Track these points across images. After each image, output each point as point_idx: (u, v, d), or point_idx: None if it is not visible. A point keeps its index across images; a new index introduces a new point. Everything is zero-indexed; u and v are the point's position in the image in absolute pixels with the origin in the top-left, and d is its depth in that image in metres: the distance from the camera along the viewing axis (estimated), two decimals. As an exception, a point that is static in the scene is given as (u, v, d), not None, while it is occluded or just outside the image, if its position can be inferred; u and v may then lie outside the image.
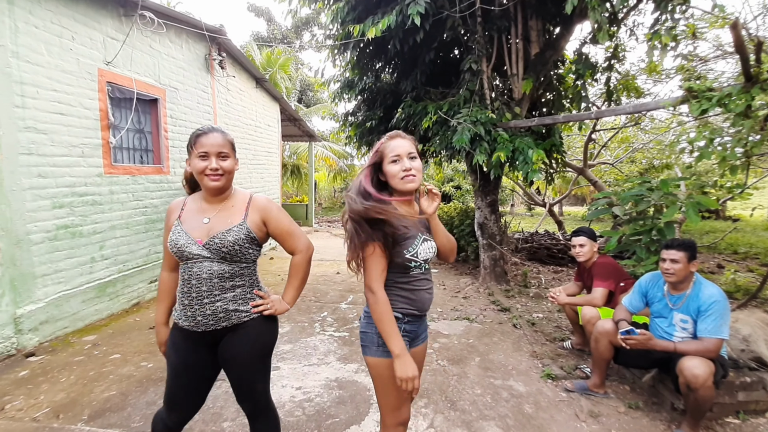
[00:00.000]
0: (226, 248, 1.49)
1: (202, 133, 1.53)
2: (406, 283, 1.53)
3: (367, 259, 1.45)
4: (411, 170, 1.48)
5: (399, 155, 1.49)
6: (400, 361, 1.40)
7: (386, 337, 1.42)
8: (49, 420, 2.37)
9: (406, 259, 1.48)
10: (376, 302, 1.43)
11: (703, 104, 3.01)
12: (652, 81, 8.92)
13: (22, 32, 3.23)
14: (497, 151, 4.49)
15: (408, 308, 1.54)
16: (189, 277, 1.51)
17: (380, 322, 1.43)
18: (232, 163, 1.55)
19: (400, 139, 1.53)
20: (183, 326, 1.54)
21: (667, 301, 2.55)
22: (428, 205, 1.54)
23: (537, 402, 2.69)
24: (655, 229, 3.15)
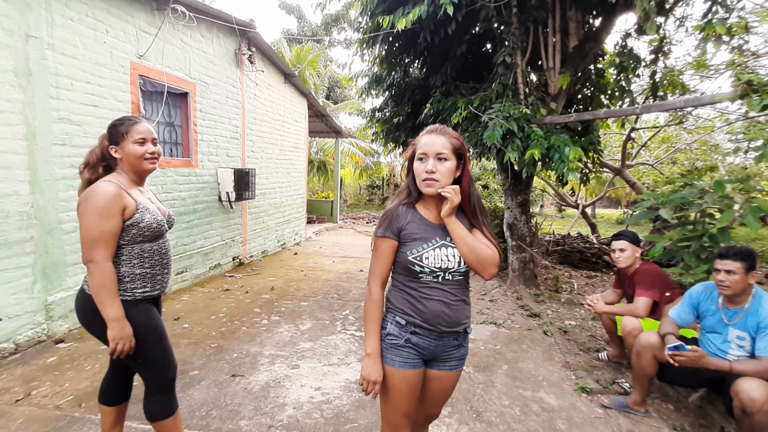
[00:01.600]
0: (173, 223, 1.87)
1: (133, 122, 1.68)
2: (414, 289, 1.43)
3: (373, 253, 1.46)
4: (434, 173, 1.36)
5: (426, 153, 1.38)
6: (369, 360, 1.42)
7: (366, 334, 1.45)
8: (71, 408, 2.39)
9: (408, 261, 1.39)
10: (368, 298, 1.45)
11: (764, 99, 2.73)
12: (699, 77, 8.36)
13: (58, 25, 3.29)
14: (531, 148, 4.27)
15: (413, 317, 1.42)
16: (165, 251, 1.77)
17: (365, 317, 1.46)
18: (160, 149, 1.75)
19: (434, 135, 1.40)
20: (153, 295, 1.72)
21: (722, 316, 2.31)
22: (445, 206, 1.37)
23: (570, 418, 2.50)
24: (707, 235, 2.88)
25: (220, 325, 3.83)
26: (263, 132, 7.02)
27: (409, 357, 1.43)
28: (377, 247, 1.44)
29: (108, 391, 1.87)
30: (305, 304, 4.59)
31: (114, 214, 1.55)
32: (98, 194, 1.54)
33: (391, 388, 1.43)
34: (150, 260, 1.69)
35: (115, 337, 1.55)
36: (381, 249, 1.43)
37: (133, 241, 1.64)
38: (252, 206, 6.67)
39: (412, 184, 1.46)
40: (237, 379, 2.83)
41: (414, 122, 6.22)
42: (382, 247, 1.43)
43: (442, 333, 1.44)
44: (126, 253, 1.64)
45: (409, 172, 1.48)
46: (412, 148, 1.45)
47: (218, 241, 5.76)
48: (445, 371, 1.51)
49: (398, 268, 1.46)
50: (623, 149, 7.91)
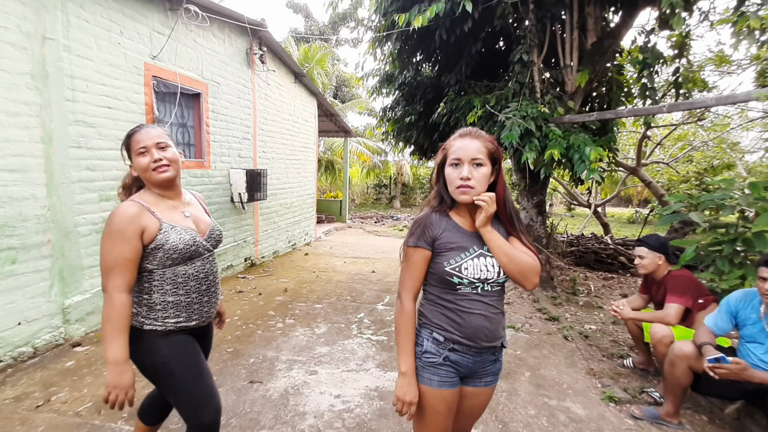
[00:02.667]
0: (221, 239, 1.62)
1: (134, 131, 1.50)
2: (451, 302, 1.35)
3: (404, 264, 1.38)
4: (469, 180, 1.29)
5: (460, 159, 1.31)
6: (404, 380, 1.34)
7: (399, 350, 1.36)
8: (91, 416, 2.36)
9: (446, 272, 1.31)
10: (400, 312, 1.37)
11: (805, 96, 2.60)
12: (719, 73, 8.17)
13: (74, 26, 3.25)
14: (549, 148, 4.17)
15: (452, 333, 1.34)
16: (205, 274, 1.56)
17: (396, 332, 1.37)
18: (175, 152, 1.51)
19: (468, 139, 1.33)
20: (189, 326, 1.52)
21: (765, 325, 2.20)
22: (479, 216, 1.31)
23: (600, 429, 2.41)
24: (740, 239, 2.76)
25: (235, 329, 3.79)
26: (274, 132, 6.98)
27: (447, 376, 1.35)
28: (409, 258, 1.35)
29: (148, 408, 1.79)
30: (319, 306, 4.54)
31: (129, 238, 1.38)
32: (113, 217, 1.40)
33: (429, 408, 1.36)
34: (185, 286, 1.50)
35: (108, 384, 1.35)
36: (414, 260, 1.35)
37: (162, 265, 1.46)
38: (263, 207, 6.64)
39: (444, 190, 1.39)
40: (255, 385, 2.79)
41: (426, 122, 6.14)
42: (414, 257, 1.34)
43: (481, 349, 1.36)
44: (157, 278, 1.47)
45: (439, 178, 1.40)
46: (443, 153, 1.38)
47: (231, 242, 5.73)
48: (480, 387, 1.44)
49: (432, 280, 1.37)
50: (638, 148, 7.75)
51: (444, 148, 1.38)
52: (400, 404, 1.34)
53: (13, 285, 2.87)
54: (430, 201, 1.44)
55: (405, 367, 1.33)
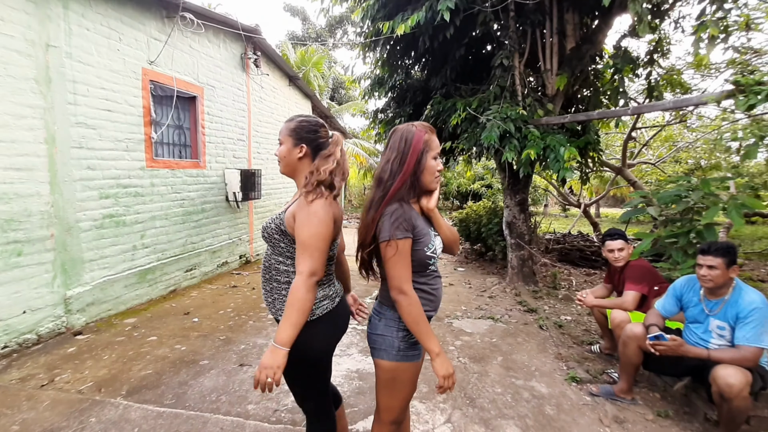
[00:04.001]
0: (267, 233, 1.52)
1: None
2: (426, 282, 1.48)
3: (396, 258, 1.36)
4: (441, 171, 1.51)
5: (438, 153, 1.50)
6: (442, 359, 1.40)
7: (425, 337, 1.38)
8: (92, 393, 2.57)
9: (426, 256, 1.44)
10: (411, 304, 1.36)
11: (750, 99, 2.83)
12: (700, 76, 8.40)
13: (75, 34, 3.48)
14: (527, 148, 4.39)
15: (429, 311, 1.49)
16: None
17: (417, 323, 1.37)
18: (284, 149, 1.53)
19: (436, 137, 1.51)
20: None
21: (704, 307, 2.43)
22: (427, 200, 1.49)
23: (559, 404, 2.63)
24: (694, 231, 2.99)
25: (228, 319, 4.01)
26: (269, 133, 7.20)
27: (419, 348, 1.52)
28: (401, 250, 1.36)
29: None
30: (309, 299, 4.75)
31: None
32: None
33: (408, 380, 1.50)
34: None
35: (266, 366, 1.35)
36: (405, 250, 1.37)
37: None
38: (258, 206, 6.85)
39: (414, 180, 1.46)
40: (245, 368, 3.00)
41: (415, 123, 6.36)
42: (405, 248, 1.38)
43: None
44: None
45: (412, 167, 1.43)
46: (423, 146, 1.45)
47: (226, 239, 5.94)
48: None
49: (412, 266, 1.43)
50: (624, 148, 7.98)
51: (425, 141, 1.46)
52: (447, 380, 1.41)
53: (18, 276, 3.08)
54: (398, 192, 1.43)
55: (438, 347, 1.40)
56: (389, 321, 1.48)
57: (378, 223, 1.40)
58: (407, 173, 1.43)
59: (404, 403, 1.54)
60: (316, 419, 1.63)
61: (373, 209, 1.43)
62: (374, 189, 1.48)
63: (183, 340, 3.46)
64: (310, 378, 1.55)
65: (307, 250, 1.38)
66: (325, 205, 1.43)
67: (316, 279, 1.38)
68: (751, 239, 10.26)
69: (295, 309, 1.35)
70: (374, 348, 1.51)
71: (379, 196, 1.44)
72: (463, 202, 16.16)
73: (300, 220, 1.40)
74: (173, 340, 3.46)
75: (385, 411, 1.53)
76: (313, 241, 1.38)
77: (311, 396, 1.59)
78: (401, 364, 1.45)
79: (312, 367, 1.53)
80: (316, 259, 1.38)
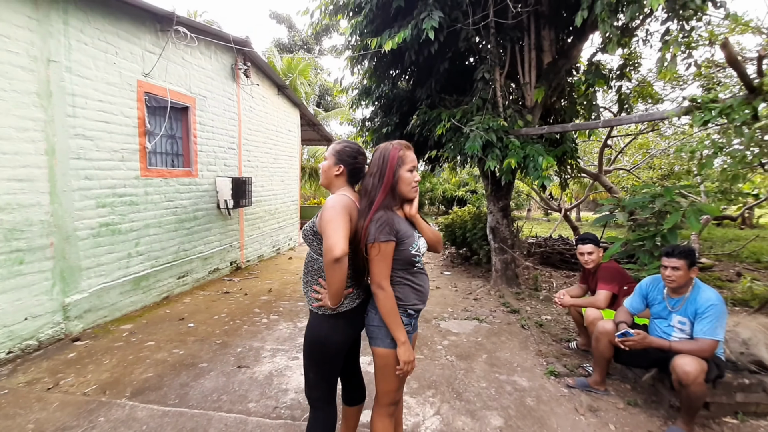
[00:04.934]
0: (304, 235, 1.79)
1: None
2: (414, 278, 1.71)
3: (378, 258, 1.57)
4: (418, 181, 1.73)
5: (414, 166, 1.73)
6: (405, 347, 1.63)
7: (395, 327, 1.61)
8: (97, 395, 2.68)
9: (411, 255, 1.66)
10: (387, 297, 1.60)
11: (705, 115, 3.13)
12: (671, 87, 8.89)
13: (75, 49, 3.59)
14: (508, 157, 4.65)
15: (418, 303, 1.72)
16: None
17: (390, 315, 1.60)
18: (326, 165, 1.80)
19: (412, 152, 1.74)
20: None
21: (667, 304, 2.68)
22: (409, 207, 1.74)
23: (539, 396, 2.85)
24: (659, 235, 3.27)
25: (223, 324, 4.13)
26: (258, 142, 7.33)
27: (410, 336, 1.75)
28: (383, 252, 1.57)
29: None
30: (302, 304, 4.90)
31: None
32: None
33: None
34: None
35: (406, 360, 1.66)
36: (387, 252, 1.58)
37: None
38: (248, 213, 6.97)
39: (392, 190, 1.67)
40: (243, 369, 3.14)
41: (402, 132, 6.58)
42: (387, 250, 1.58)
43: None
44: None
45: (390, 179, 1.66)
46: (401, 160, 1.67)
47: (217, 246, 6.04)
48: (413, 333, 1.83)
49: (398, 265, 1.65)
50: (600, 156, 8.38)
51: (400, 157, 1.68)
52: (408, 365, 1.63)
53: (21, 284, 3.17)
54: (382, 202, 1.64)
55: (404, 337, 1.63)
56: None
57: (367, 228, 1.61)
58: (387, 185, 1.65)
59: (399, 385, 1.75)
60: (320, 408, 1.81)
61: (362, 218, 1.65)
62: (361, 199, 1.72)
63: (180, 345, 3.57)
64: (325, 366, 1.77)
65: (325, 232, 1.59)
66: (334, 197, 1.69)
67: (336, 254, 1.52)
68: (722, 241, 10.81)
69: (329, 281, 1.59)
70: (372, 338, 1.72)
71: (366, 206, 1.66)
72: (449, 208, 16.48)
73: (321, 215, 1.67)
74: (171, 345, 3.56)
75: (383, 394, 1.74)
76: (325, 224, 1.60)
77: (321, 386, 1.79)
78: (392, 350, 1.65)
79: (328, 356, 1.74)
80: (329, 237, 1.55)
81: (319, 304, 1.72)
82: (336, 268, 1.55)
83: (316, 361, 1.76)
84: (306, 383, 1.82)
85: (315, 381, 1.79)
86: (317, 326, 1.75)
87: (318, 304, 1.72)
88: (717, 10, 4.09)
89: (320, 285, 1.73)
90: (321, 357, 1.75)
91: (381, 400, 1.76)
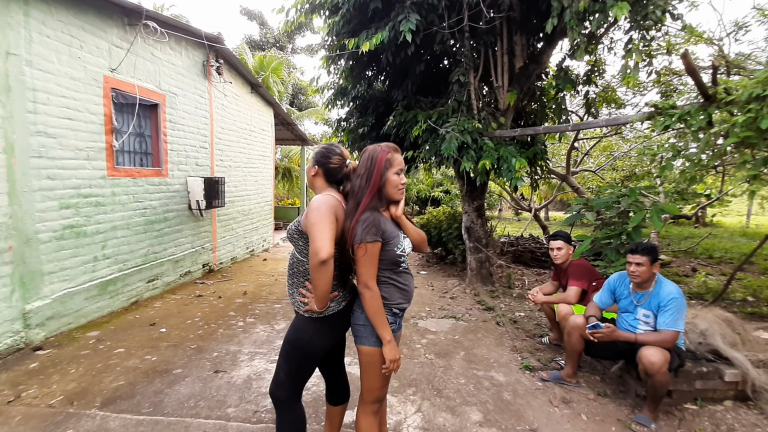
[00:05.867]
0: (289, 234, 1.78)
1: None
2: (399, 278, 1.73)
3: (365, 258, 1.59)
4: (404, 184, 1.76)
5: (402, 169, 1.76)
6: (391, 346, 1.66)
7: (381, 326, 1.63)
8: (63, 406, 2.55)
9: (396, 255, 1.68)
10: (373, 297, 1.61)
11: (666, 120, 3.33)
12: (633, 92, 9.36)
13: (36, 42, 3.40)
14: (483, 159, 4.76)
15: (403, 302, 1.75)
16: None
17: (376, 314, 1.62)
18: (308, 167, 1.84)
19: (399, 154, 1.77)
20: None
21: (632, 298, 2.84)
22: (395, 209, 1.76)
23: (515, 390, 2.94)
24: (624, 234, 3.45)
25: (197, 329, 4.01)
26: (231, 141, 7.17)
27: (395, 334, 1.78)
28: (369, 252, 1.59)
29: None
30: (278, 306, 4.83)
31: None
32: None
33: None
34: None
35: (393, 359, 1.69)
36: (373, 252, 1.60)
37: None
38: (221, 214, 6.80)
39: (379, 191, 1.69)
40: (220, 374, 3.07)
41: (378, 132, 6.61)
42: (374, 250, 1.60)
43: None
44: None
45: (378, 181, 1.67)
46: (389, 162, 1.69)
47: (188, 248, 5.86)
48: (398, 332, 1.88)
49: (383, 265, 1.67)
50: (567, 158, 8.71)
51: (387, 160, 1.70)
52: (394, 363, 1.65)
53: (-25, 290, 2.96)
54: (369, 203, 1.65)
55: (390, 336, 1.65)
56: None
57: (353, 229, 1.62)
58: (374, 187, 1.67)
59: (383, 383, 1.78)
60: (286, 409, 1.80)
61: (349, 219, 1.67)
62: (348, 200, 1.73)
63: (152, 351, 3.45)
64: (301, 368, 1.76)
65: (311, 234, 1.59)
66: (320, 197, 1.69)
67: (322, 257, 1.52)
68: (679, 238, 11.46)
69: (315, 285, 1.60)
70: (357, 336, 1.73)
71: (353, 207, 1.67)
72: (423, 208, 16.65)
73: (306, 215, 1.67)
74: (142, 351, 3.44)
75: (368, 392, 1.76)
76: (311, 226, 1.60)
77: (289, 384, 1.78)
78: (377, 348, 1.67)
79: (307, 358, 1.75)
80: (316, 239, 1.55)
81: (306, 309, 1.71)
82: (322, 270, 1.55)
83: (292, 362, 1.76)
84: (274, 381, 1.81)
85: (285, 380, 1.78)
86: (303, 329, 1.74)
87: (305, 309, 1.72)
88: (674, 21, 4.36)
89: (306, 288, 1.73)
90: (300, 359, 1.75)
91: (366, 398, 1.78)
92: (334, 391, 2.08)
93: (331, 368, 2.02)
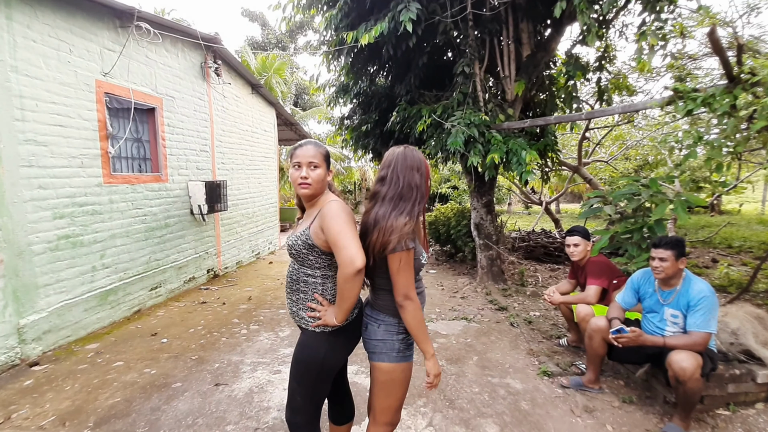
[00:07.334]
0: (294, 250, 1.61)
1: (299, 145, 1.64)
2: (418, 287, 1.63)
3: (403, 267, 1.46)
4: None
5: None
6: (435, 360, 1.57)
7: (424, 340, 1.53)
8: (55, 428, 2.42)
9: (420, 263, 1.59)
10: (416, 309, 1.50)
11: (688, 105, 3.09)
12: (644, 79, 9.02)
13: (21, 47, 3.28)
14: (491, 152, 4.56)
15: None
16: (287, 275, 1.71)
17: (420, 327, 1.51)
18: (321, 173, 1.60)
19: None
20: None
21: (658, 297, 2.62)
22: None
23: (533, 399, 2.75)
24: (646, 227, 3.22)
25: (200, 338, 3.88)
26: (233, 143, 7.04)
27: (412, 349, 1.65)
28: (409, 260, 1.48)
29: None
30: (283, 311, 4.69)
31: None
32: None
33: (405, 380, 1.61)
34: None
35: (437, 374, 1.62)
36: (411, 259, 1.50)
37: None
38: (224, 218, 6.68)
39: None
40: (220, 387, 2.92)
41: (382, 129, 6.43)
42: (411, 257, 1.50)
43: None
44: None
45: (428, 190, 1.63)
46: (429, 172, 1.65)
47: (192, 254, 5.74)
48: None
49: None
50: (579, 148, 8.42)
51: (428, 168, 1.65)
52: (436, 378, 1.57)
53: (-35, 307, 2.86)
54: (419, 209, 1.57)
55: (432, 350, 1.57)
56: (389, 326, 1.59)
57: (388, 236, 1.46)
58: (426, 195, 1.61)
59: (399, 403, 1.63)
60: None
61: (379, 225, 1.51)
62: (378, 205, 1.56)
63: (152, 363, 3.32)
64: (316, 389, 1.61)
65: (338, 243, 1.46)
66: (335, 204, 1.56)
67: (358, 266, 1.41)
68: (696, 228, 11.09)
69: (344, 297, 1.48)
70: (374, 352, 1.59)
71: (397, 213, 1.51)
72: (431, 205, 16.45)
73: (327, 225, 1.50)
74: (141, 364, 3.31)
75: (381, 413, 1.61)
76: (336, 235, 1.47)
77: (306, 409, 1.62)
78: (399, 364, 1.57)
79: (323, 377, 1.60)
80: (346, 248, 1.43)
81: (321, 323, 1.55)
82: (356, 281, 1.44)
83: (307, 384, 1.60)
84: (290, 407, 1.65)
85: (302, 405, 1.62)
86: (315, 346, 1.58)
87: (319, 323, 1.56)
88: (689, 1, 4.09)
89: (316, 301, 1.58)
90: (314, 379, 1.59)
91: (378, 419, 1.63)
92: (339, 409, 1.91)
93: (335, 385, 1.85)
